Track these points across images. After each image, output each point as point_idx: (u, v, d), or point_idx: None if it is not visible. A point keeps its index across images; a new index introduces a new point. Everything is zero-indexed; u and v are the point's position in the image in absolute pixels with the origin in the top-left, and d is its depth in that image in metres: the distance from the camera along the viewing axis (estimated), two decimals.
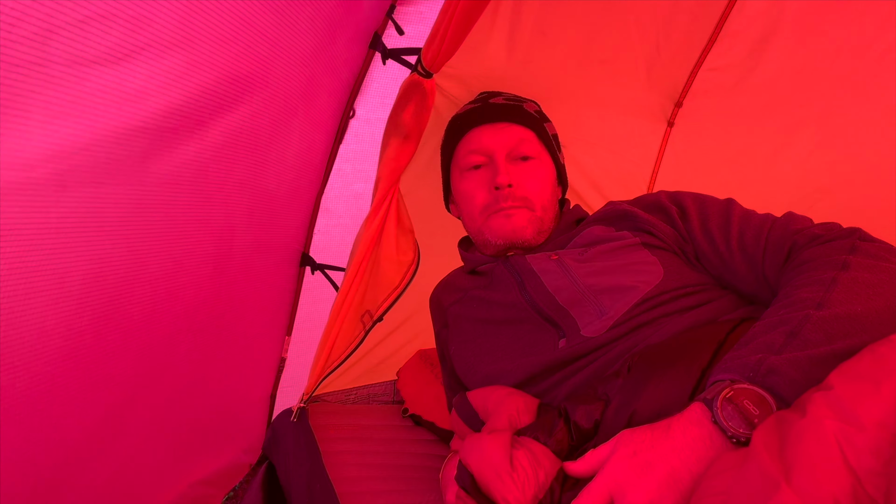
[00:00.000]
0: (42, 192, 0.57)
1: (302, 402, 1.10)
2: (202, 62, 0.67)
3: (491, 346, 0.81)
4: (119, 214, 0.67)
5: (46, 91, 0.53)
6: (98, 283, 0.67)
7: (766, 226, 0.72)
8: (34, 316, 0.60)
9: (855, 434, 0.40)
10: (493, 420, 0.68)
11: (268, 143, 0.88)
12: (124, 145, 0.62)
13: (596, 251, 0.80)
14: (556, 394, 0.71)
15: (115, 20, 0.56)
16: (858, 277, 0.57)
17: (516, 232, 0.87)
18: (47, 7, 0.50)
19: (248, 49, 0.73)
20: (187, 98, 0.67)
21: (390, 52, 0.98)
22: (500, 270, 0.86)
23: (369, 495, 0.86)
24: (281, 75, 0.82)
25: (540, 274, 0.80)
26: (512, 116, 0.93)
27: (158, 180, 0.70)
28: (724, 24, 1.27)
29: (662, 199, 0.84)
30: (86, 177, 0.60)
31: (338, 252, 1.16)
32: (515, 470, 0.56)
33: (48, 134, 0.55)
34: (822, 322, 0.53)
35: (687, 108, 1.42)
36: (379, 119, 1.03)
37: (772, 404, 0.48)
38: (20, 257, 0.57)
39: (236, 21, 0.69)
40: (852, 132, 1.40)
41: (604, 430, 0.57)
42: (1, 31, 0.48)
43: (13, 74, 0.50)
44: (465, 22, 0.81)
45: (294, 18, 0.78)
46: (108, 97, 0.59)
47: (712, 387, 0.51)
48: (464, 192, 0.93)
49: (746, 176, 1.49)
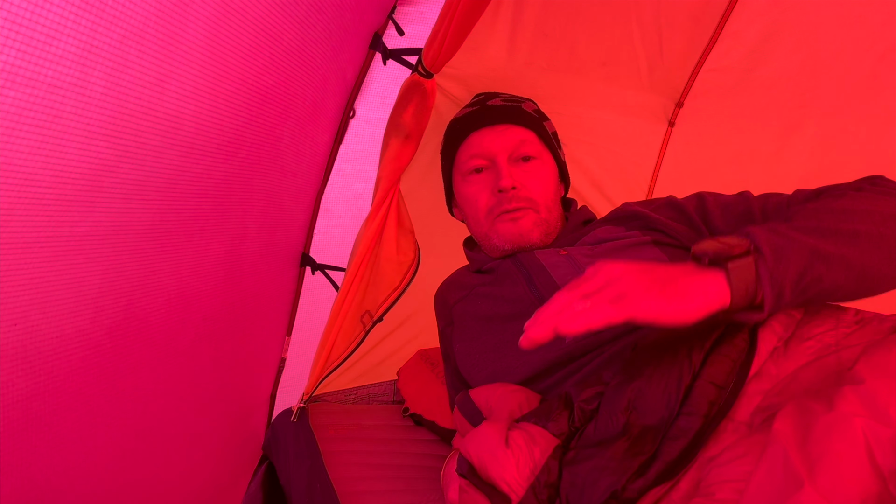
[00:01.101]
0: (72, 206, 0.57)
1: (302, 402, 1.10)
2: (229, 77, 0.67)
3: (496, 343, 0.81)
4: (142, 228, 0.67)
5: (86, 113, 0.53)
6: (114, 294, 0.67)
7: (786, 195, 0.74)
8: (53, 326, 0.60)
9: (885, 432, 0.39)
10: (494, 416, 0.68)
11: (284, 151, 0.88)
12: (155, 162, 0.63)
13: (606, 248, 0.80)
14: (561, 390, 0.71)
15: (149, 39, 0.56)
16: (869, 194, 0.58)
17: (523, 236, 0.87)
18: (85, 27, 0.50)
19: (270, 63, 0.73)
20: (215, 113, 0.68)
21: (391, 52, 0.98)
22: (508, 266, 0.86)
23: (369, 495, 0.86)
24: (299, 87, 0.82)
25: (549, 268, 0.80)
26: (511, 118, 0.93)
27: (185, 194, 0.70)
28: (724, 24, 1.27)
29: (675, 199, 0.84)
30: (115, 193, 0.60)
31: (338, 252, 1.16)
32: (510, 448, 0.55)
33: (85, 153, 0.55)
34: (816, 211, 0.55)
35: (688, 108, 1.42)
36: (379, 119, 1.03)
37: (745, 241, 0.51)
38: (41, 268, 0.56)
39: (261, 36, 0.69)
40: (853, 132, 1.40)
41: (604, 408, 0.56)
42: (37, 49, 0.47)
43: (54, 95, 0.50)
44: (465, 22, 0.81)
45: (313, 31, 0.78)
46: (145, 117, 0.59)
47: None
48: (467, 196, 0.92)
49: (747, 176, 1.49)
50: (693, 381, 0.51)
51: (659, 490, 0.49)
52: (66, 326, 0.61)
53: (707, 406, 0.50)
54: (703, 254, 0.51)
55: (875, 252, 0.54)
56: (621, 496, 0.49)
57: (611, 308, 0.48)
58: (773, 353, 0.53)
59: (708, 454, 0.48)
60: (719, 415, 0.50)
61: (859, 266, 0.53)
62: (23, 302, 0.55)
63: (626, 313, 0.48)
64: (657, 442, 0.50)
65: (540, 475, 0.54)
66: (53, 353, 0.60)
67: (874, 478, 0.37)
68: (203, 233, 0.78)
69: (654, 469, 0.49)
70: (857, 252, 0.53)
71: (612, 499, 0.49)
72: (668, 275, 0.51)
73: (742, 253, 0.50)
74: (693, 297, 0.49)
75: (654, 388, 0.52)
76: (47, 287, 0.57)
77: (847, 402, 0.41)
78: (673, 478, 0.49)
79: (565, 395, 0.61)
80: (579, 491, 0.51)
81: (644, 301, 0.49)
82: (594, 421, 0.55)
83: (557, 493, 0.53)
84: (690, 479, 0.48)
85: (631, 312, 0.48)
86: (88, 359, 0.65)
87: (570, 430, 0.57)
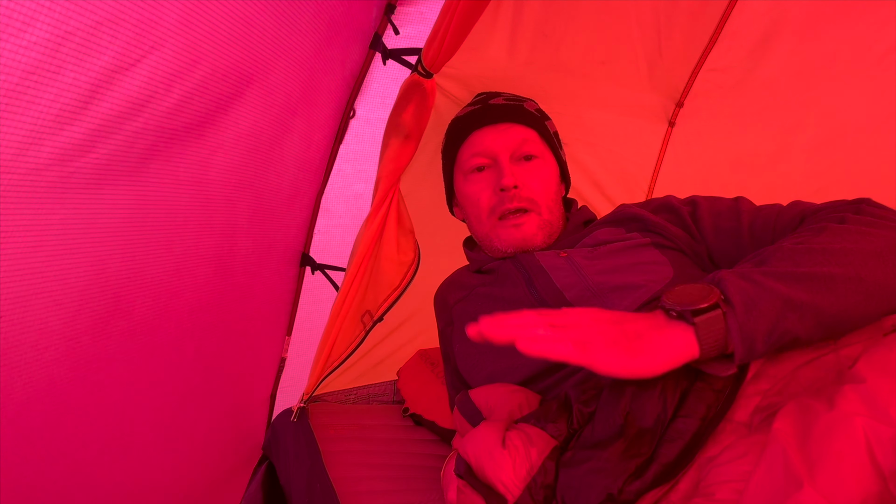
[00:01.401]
0: (47, 194, 0.57)
1: (302, 402, 1.10)
2: (203, 62, 0.67)
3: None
4: (120, 217, 0.67)
5: (59, 97, 0.53)
6: (99, 285, 0.67)
7: (775, 211, 0.73)
8: (35, 318, 0.60)
9: (886, 431, 0.38)
10: (494, 417, 0.68)
11: (269, 143, 0.87)
12: (124, 147, 0.62)
13: (605, 250, 0.80)
14: (560, 390, 0.71)
15: (123, 24, 0.56)
16: (851, 228, 0.56)
17: (526, 241, 0.87)
18: (59, 12, 0.50)
19: (249, 49, 0.73)
20: (186, 98, 0.67)
21: (391, 52, 0.98)
22: (508, 267, 0.86)
23: (369, 495, 0.86)
24: (282, 75, 0.81)
25: (549, 270, 0.80)
26: (513, 117, 0.93)
27: (157, 181, 0.70)
28: (724, 24, 1.27)
29: (672, 201, 0.84)
30: (87, 179, 0.60)
31: (338, 252, 1.16)
32: (507, 448, 0.55)
33: (57, 138, 0.55)
34: (792, 252, 0.52)
35: (688, 108, 1.42)
36: (379, 119, 1.03)
37: (716, 292, 0.49)
38: (21, 258, 0.57)
39: (238, 21, 0.69)
40: (853, 133, 1.40)
41: (601, 410, 0.56)
42: (11, 36, 0.48)
43: (28, 81, 0.50)
44: (465, 22, 0.81)
45: (295, 19, 0.77)
46: (114, 100, 0.59)
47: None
48: (468, 194, 0.92)
49: (747, 176, 1.49)
50: (690, 385, 0.51)
51: (657, 492, 0.49)
52: (50, 318, 0.61)
53: (704, 409, 0.50)
54: (671, 307, 0.51)
55: (852, 296, 0.51)
56: (618, 499, 0.49)
57: (572, 348, 0.48)
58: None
59: (707, 454, 0.48)
60: (717, 417, 0.50)
61: (835, 312, 0.50)
62: (7, 293, 0.56)
63: (585, 360, 0.48)
64: (654, 444, 0.50)
65: (536, 476, 0.53)
66: (36, 345, 0.61)
67: (875, 477, 0.37)
68: (188, 224, 0.78)
69: (651, 471, 0.49)
70: (833, 298, 0.50)
71: (609, 501, 0.49)
72: (636, 329, 0.51)
73: (711, 306, 0.49)
74: (660, 352, 0.49)
75: (651, 391, 0.52)
76: (32, 278, 0.58)
77: (848, 401, 0.41)
78: (671, 480, 0.48)
79: (564, 396, 0.60)
80: (575, 492, 0.51)
81: (606, 354, 0.49)
82: (591, 423, 0.55)
83: (554, 494, 0.53)
84: (689, 480, 0.48)
85: (590, 361, 0.48)
86: (69, 351, 0.65)
87: (568, 433, 0.57)
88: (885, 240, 0.55)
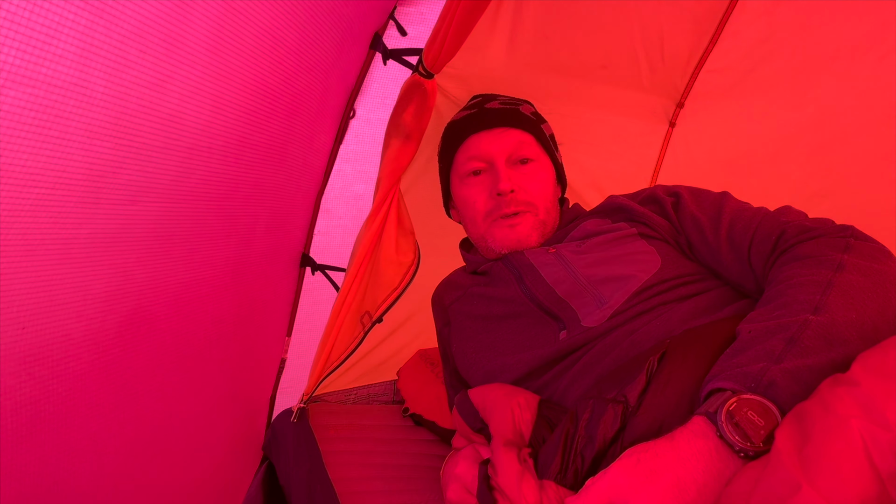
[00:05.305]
0: (76, 208, 0.56)
1: (302, 403, 1.10)
2: (232, 78, 0.67)
3: (492, 342, 0.82)
4: (148, 230, 0.66)
5: (87, 113, 0.52)
6: (121, 296, 0.66)
7: (757, 217, 0.72)
8: (58, 329, 0.59)
9: (882, 434, 0.39)
10: (495, 421, 0.68)
11: (292, 153, 0.88)
12: (158, 163, 0.62)
13: (593, 242, 0.81)
14: (556, 386, 0.72)
15: (150, 39, 0.55)
16: (853, 281, 0.57)
17: (521, 241, 0.87)
18: (85, 26, 0.49)
19: (275, 64, 0.73)
20: (218, 114, 0.67)
21: (391, 52, 0.98)
22: (500, 267, 0.87)
23: (369, 495, 0.86)
24: (304, 88, 0.82)
25: (538, 267, 0.81)
26: (509, 121, 0.93)
27: (190, 196, 0.70)
28: (724, 24, 1.27)
29: (658, 191, 0.85)
30: (120, 195, 0.60)
31: (338, 253, 1.16)
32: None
33: (87, 154, 0.54)
34: (821, 328, 0.52)
35: (688, 108, 1.42)
36: (379, 119, 1.03)
37: (776, 415, 0.46)
38: (47, 271, 0.56)
39: (265, 37, 0.69)
40: (853, 133, 1.40)
41: (629, 435, 0.55)
42: (39, 50, 0.47)
43: (54, 95, 0.49)
44: (466, 23, 0.81)
45: (317, 32, 0.78)
46: (147, 117, 0.58)
47: (713, 397, 0.50)
48: (465, 198, 0.92)
49: (747, 177, 1.49)
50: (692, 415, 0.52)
51: None
52: (72, 329, 0.60)
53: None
54: (737, 443, 0.46)
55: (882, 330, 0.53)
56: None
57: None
58: None
59: None
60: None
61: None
62: (29, 304, 0.55)
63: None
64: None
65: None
66: (62, 356, 0.60)
67: (873, 480, 0.37)
68: (211, 235, 0.78)
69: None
70: (864, 345, 0.50)
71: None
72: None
73: (765, 449, 0.45)
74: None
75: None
76: (54, 289, 0.57)
77: (843, 404, 0.41)
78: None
79: (576, 437, 0.60)
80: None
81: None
82: (611, 453, 0.56)
83: None
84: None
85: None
86: (96, 362, 0.64)
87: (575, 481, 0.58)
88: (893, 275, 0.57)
